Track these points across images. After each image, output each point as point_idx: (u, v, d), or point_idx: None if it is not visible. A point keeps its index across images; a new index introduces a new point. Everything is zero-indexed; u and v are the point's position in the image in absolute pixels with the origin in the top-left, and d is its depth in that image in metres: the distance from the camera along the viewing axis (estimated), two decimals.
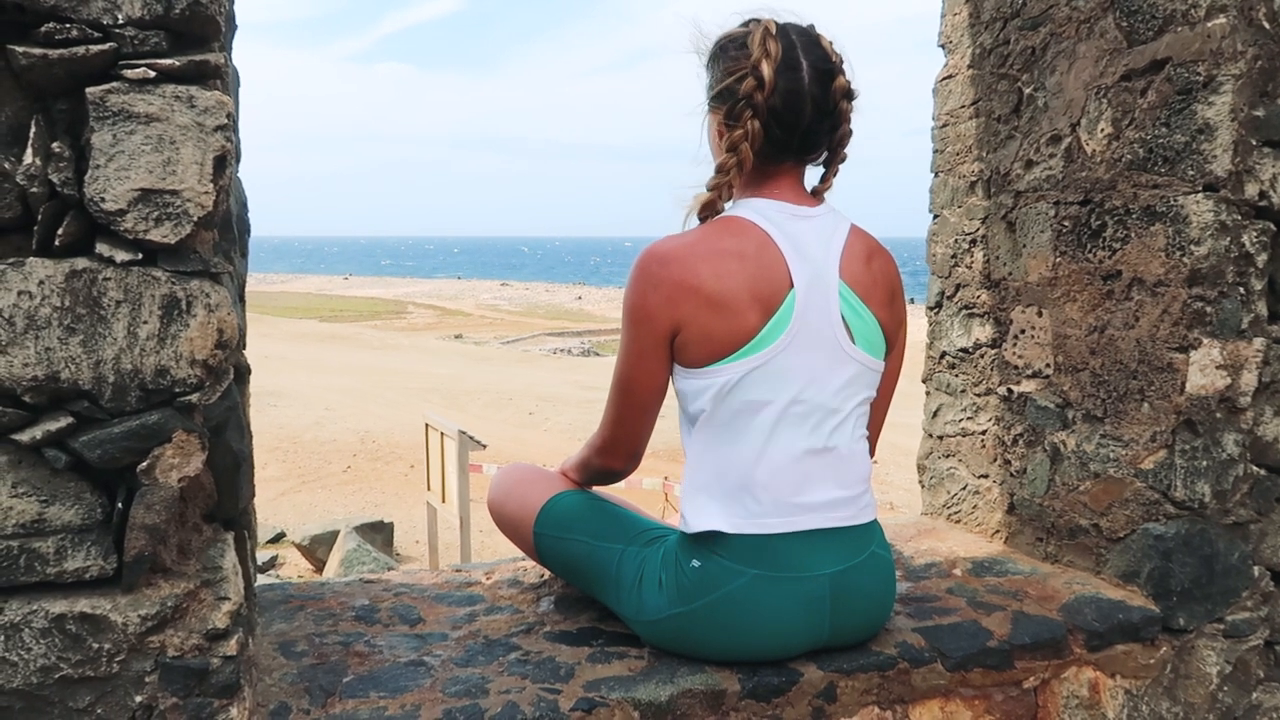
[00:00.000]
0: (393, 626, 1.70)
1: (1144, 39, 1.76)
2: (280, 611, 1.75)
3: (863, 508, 1.58)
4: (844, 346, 1.52)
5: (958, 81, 2.24)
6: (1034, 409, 2.05)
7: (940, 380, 2.37)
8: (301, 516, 9.53)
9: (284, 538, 9.01)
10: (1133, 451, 1.83)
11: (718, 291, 1.47)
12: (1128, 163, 1.81)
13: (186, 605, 1.21)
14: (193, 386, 1.18)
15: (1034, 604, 1.82)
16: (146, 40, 1.13)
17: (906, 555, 2.11)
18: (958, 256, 2.27)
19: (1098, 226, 1.87)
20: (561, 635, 1.67)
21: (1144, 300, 1.79)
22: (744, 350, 1.47)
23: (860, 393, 1.57)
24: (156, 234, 1.14)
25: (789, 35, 1.52)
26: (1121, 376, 1.84)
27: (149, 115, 1.13)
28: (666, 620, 1.55)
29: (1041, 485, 2.04)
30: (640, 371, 1.55)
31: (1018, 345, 2.09)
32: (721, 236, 1.51)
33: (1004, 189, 2.11)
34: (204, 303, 1.17)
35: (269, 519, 9.41)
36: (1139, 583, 1.84)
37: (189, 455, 1.19)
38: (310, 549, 8.44)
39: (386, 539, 8.78)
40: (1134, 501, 1.84)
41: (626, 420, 1.61)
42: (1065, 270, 1.95)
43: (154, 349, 1.15)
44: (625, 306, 1.55)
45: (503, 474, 1.91)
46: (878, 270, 1.58)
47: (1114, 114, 1.82)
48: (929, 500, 2.43)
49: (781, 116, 1.50)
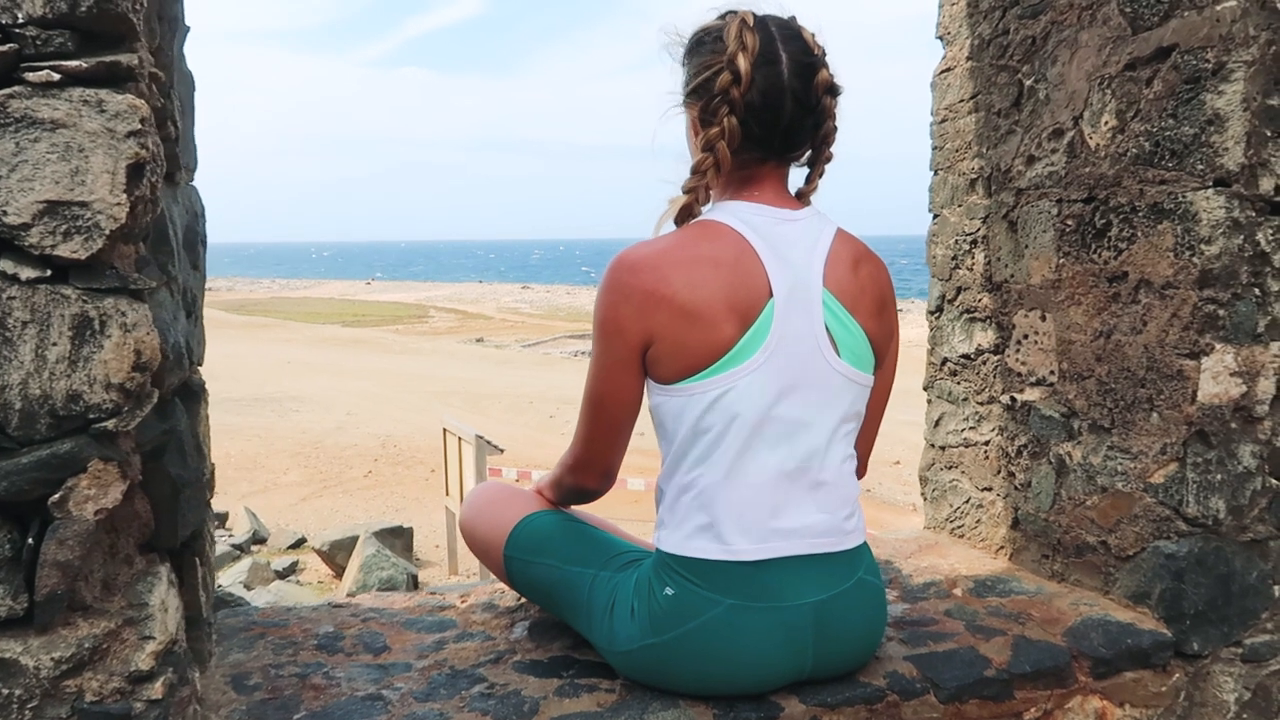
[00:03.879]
0: (356, 656, 1.62)
1: (1149, 25, 1.65)
2: (240, 640, 1.67)
3: (848, 533, 1.47)
4: (828, 359, 1.42)
5: (956, 74, 2.13)
6: (1038, 418, 1.94)
7: (942, 388, 2.25)
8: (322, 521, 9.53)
9: (305, 543, 9.00)
10: (1142, 464, 1.72)
11: (691, 301, 1.37)
12: (1133, 157, 1.69)
13: (107, 646, 1.13)
14: (109, 412, 1.10)
15: (1037, 627, 1.71)
16: (50, 41, 1.04)
17: (905, 573, 2.00)
18: (958, 258, 2.16)
19: (1102, 225, 1.76)
20: (531, 665, 1.58)
21: (1152, 303, 1.68)
22: (719, 364, 1.38)
23: (845, 409, 1.46)
24: (65, 249, 1.06)
25: (768, 27, 1.42)
26: (1129, 384, 1.73)
27: (54, 121, 1.05)
28: (639, 651, 1.45)
29: (1047, 499, 1.93)
30: (612, 386, 1.45)
31: (1021, 351, 1.98)
32: (697, 242, 1.42)
33: (1005, 186, 2.00)
34: (119, 322, 1.09)
35: (290, 524, 9.41)
36: (1150, 604, 1.72)
37: (106, 486, 1.10)
38: (330, 554, 8.41)
39: (406, 544, 8.73)
40: (1144, 518, 1.73)
41: (598, 438, 1.51)
42: (1069, 272, 1.84)
43: (65, 372, 1.07)
44: (595, 318, 1.45)
45: (475, 493, 1.82)
46: (865, 277, 1.48)
47: (1118, 105, 1.71)
48: (931, 514, 2.32)
49: (760, 113, 1.40)
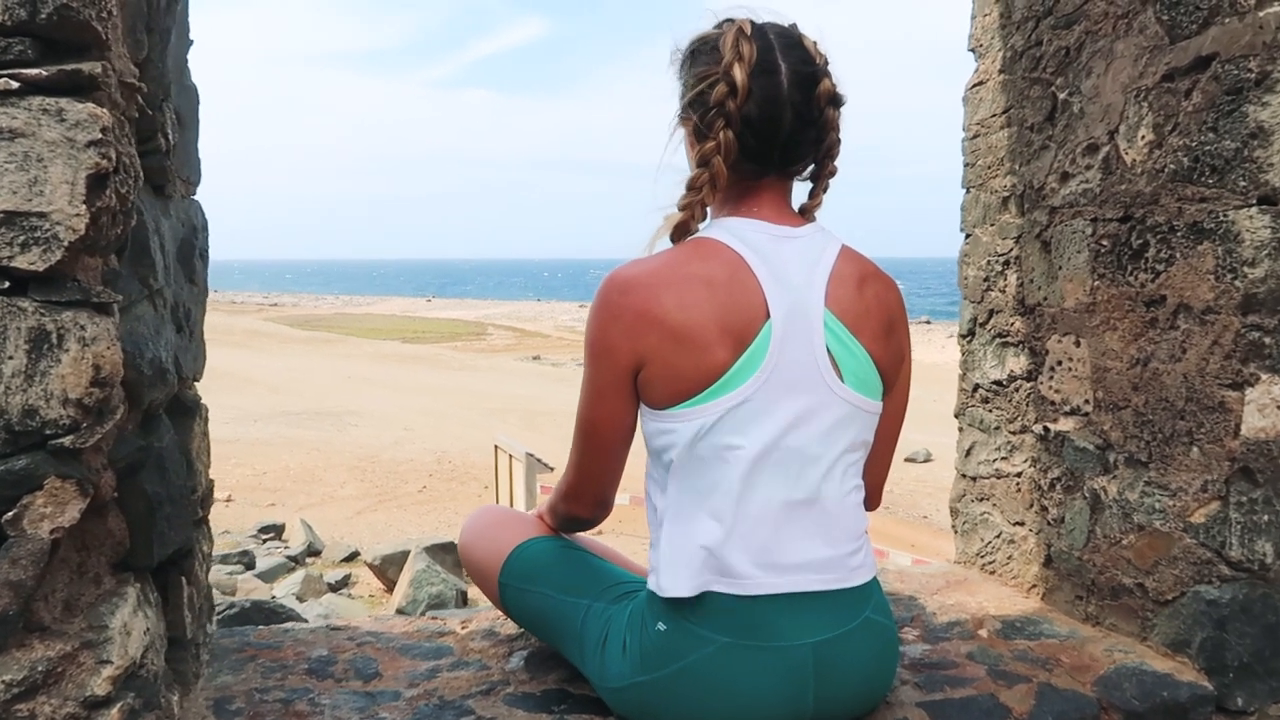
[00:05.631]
0: (345, 682, 1.57)
1: (1187, 33, 1.54)
2: (231, 661, 1.63)
3: (854, 569, 1.38)
4: (830, 385, 1.34)
5: (988, 88, 2.04)
6: (1072, 450, 1.83)
7: (973, 415, 2.15)
8: (376, 535, 9.59)
9: (357, 556, 9.06)
10: (1181, 502, 1.60)
11: (682, 323, 1.30)
12: (1171, 173, 1.58)
13: (62, 669, 1.09)
14: (66, 428, 1.06)
15: (1066, 675, 1.60)
16: (10, 48, 1.02)
17: (929, 611, 1.90)
18: (990, 279, 2.06)
19: (1139, 246, 1.65)
20: (523, 698, 1.51)
21: (1191, 329, 1.57)
22: (712, 390, 1.31)
23: (850, 437, 1.38)
24: (23, 260, 1.03)
25: (766, 35, 1.36)
26: (1167, 416, 1.62)
27: (13, 130, 1.02)
28: (629, 689, 1.38)
29: (1081, 536, 1.81)
30: (603, 411, 1.39)
31: (1054, 378, 1.87)
32: (690, 261, 1.35)
33: (1038, 205, 1.89)
34: (77, 336, 1.06)
35: (344, 537, 9.50)
36: (1190, 653, 1.60)
37: (64, 504, 1.07)
38: (381, 568, 8.46)
39: (456, 560, 8.75)
40: (1183, 560, 1.61)
41: (589, 465, 1.45)
42: (1104, 295, 1.73)
43: (20, 386, 1.04)
44: (586, 339, 1.39)
45: (475, 516, 1.77)
46: (871, 298, 1.40)
47: (1155, 119, 1.61)
48: (962, 547, 2.20)
49: (757, 126, 1.34)
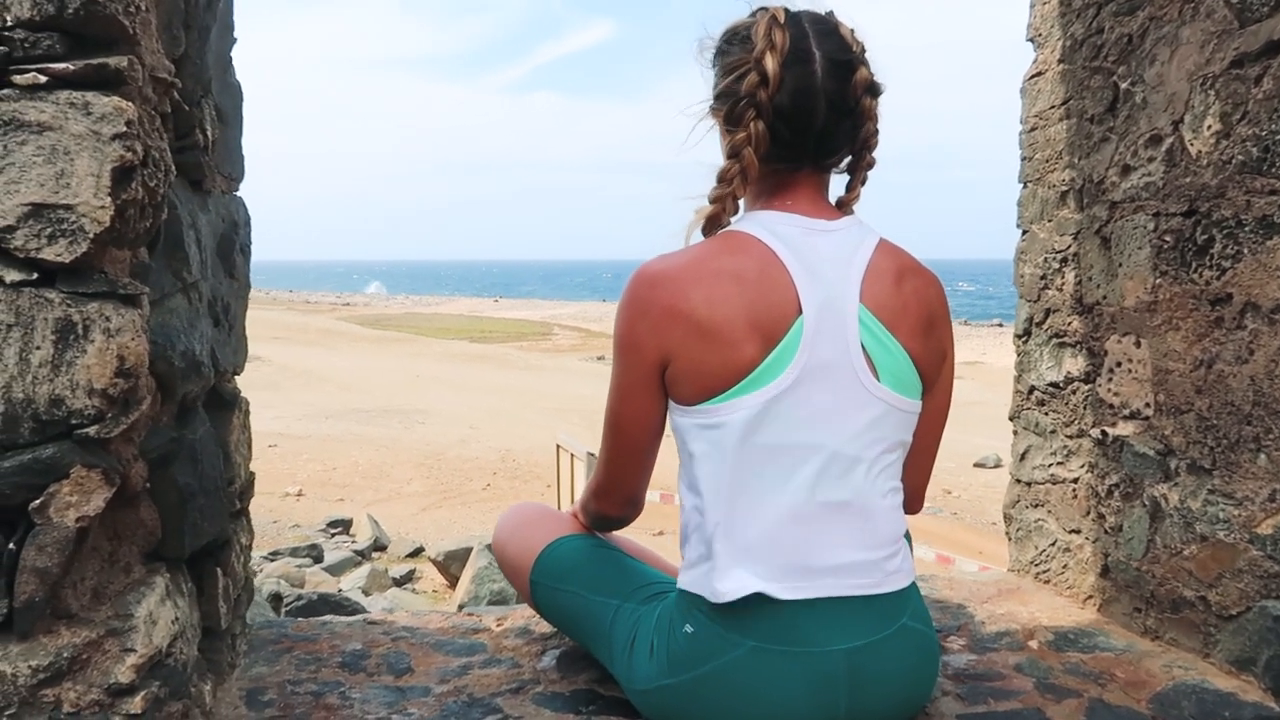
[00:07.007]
0: (377, 676, 1.57)
1: (1258, 16, 1.46)
2: (267, 653, 1.65)
3: (890, 573, 1.33)
4: (865, 383, 1.30)
5: (1047, 79, 1.96)
6: (1131, 456, 1.74)
7: (1028, 418, 2.07)
8: (441, 532, 9.72)
9: (422, 553, 9.20)
10: (1247, 512, 1.52)
11: (709, 318, 1.27)
12: (1239, 165, 1.50)
13: (88, 656, 1.11)
14: (91, 418, 1.08)
15: (1119, 691, 1.53)
16: (39, 43, 1.04)
17: (978, 620, 1.83)
18: (1047, 277, 1.98)
19: (1204, 241, 1.57)
20: (552, 698, 1.50)
21: (1260, 330, 1.48)
22: (740, 387, 1.27)
23: (888, 438, 1.33)
24: (50, 252, 1.04)
25: (800, 24, 1.31)
26: (1233, 421, 1.53)
27: (41, 124, 1.04)
28: (656, 691, 1.35)
29: (1139, 546, 1.73)
30: (631, 408, 1.37)
31: (1113, 380, 1.79)
32: (719, 255, 1.32)
33: (1098, 199, 1.81)
34: (102, 327, 1.07)
35: (410, 533, 9.65)
36: (1255, 672, 1.52)
37: (89, 493, 1.08)
38: (445, 565, 8.58)
39: None
40: (1249, 573, 1.52)
41: (619, 462, 1.43)
42: (1166, 293, 1.65)
43: (47, 376, 1.06)
44: (614, 335, 1.37)
45: (509, 513, 1.76)
46: (909, 293, 1.35)
47: (1222, 108, 1.52)
48: (1015, 555, 2.13)
49: (790, 116, 1.30)
